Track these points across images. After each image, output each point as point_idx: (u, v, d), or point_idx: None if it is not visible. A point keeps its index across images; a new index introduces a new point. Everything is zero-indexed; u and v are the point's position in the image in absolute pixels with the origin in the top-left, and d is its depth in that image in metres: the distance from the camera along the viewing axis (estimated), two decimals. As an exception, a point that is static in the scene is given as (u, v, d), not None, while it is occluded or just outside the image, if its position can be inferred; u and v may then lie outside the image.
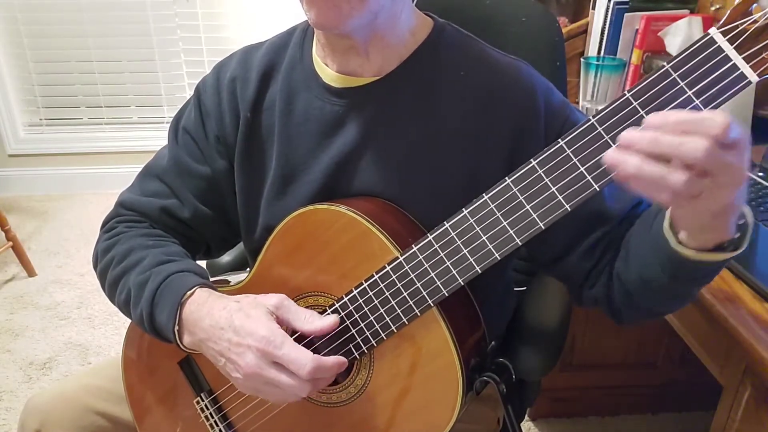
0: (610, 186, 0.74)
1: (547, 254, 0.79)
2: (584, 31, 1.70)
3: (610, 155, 0.53)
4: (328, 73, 0.79)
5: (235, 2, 2.82)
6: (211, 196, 0.88)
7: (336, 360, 0.70)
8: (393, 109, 0.77)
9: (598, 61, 1.52)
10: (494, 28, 0.99)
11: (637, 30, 1.54)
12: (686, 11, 1.52)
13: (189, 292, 0.77)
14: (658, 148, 0.50)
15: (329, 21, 0.68)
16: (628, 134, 0.51)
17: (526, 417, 1.71)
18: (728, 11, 0.51)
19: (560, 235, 0.65)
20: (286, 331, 0.70)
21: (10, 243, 2.29)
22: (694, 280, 0.67)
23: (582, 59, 1.53)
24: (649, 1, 1.55)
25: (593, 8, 1.65)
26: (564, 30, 1.63)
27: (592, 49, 1.66)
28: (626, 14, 1.56)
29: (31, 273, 2.38)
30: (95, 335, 2.07)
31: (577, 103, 1.59)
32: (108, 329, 2.09)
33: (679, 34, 1.44)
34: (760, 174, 1.19)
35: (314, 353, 0.69)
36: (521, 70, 0.78)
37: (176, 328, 0.77)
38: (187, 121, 0.88)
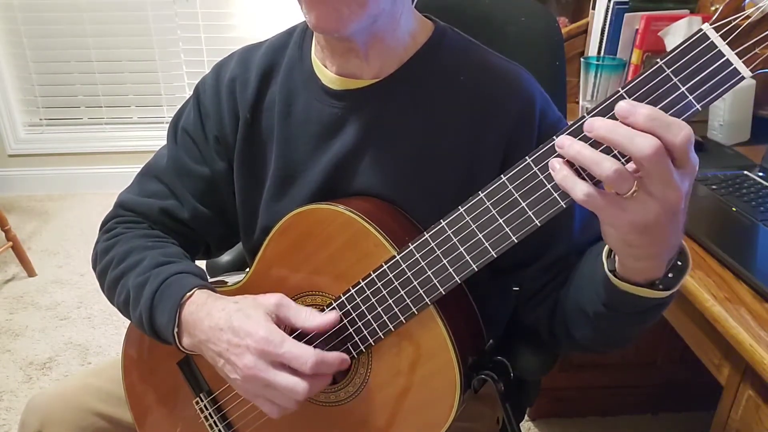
0: (582, 214, 0.77)
1: (511, 259, 0.80)
2: (584, 31, 1.70)
3: (561, 140, 0.55)
4: (327, 74, 0.79)
5: (235, 2, 2.82)
6: (210, 197, 0.88)
7: (338, 355, 0.70)
8: (392, 111, 0.77)
9: (598, 61, 1.52)
10: (494, 28, 0.99)
11: (637, 30, 1.55)
12: (686, 11, 1.53)
13: (188, 294, 0.77)
14: (612, 135, 0.51)
15: (329, 25, 0.68)
16: (590, 120, 0.53)
17: (526, 417, 1.71)
18: (721, 7, 0.51)
19: (523, 245, 0.66)
20: (285, 331, 0.70)
21: (10, 243, 2.29)
22: (626, 316, 0.67)
23: (582, 59, 1.53)
24: (649, 1, 1.56)
25: (593, 8, 1.65)
26: (564, 30, 1.63)
27: (592, 49, 1.66)
28: (626, 14, 1.56)
29: (31, 273, 2.38)
30: (95, 335, 2.07)
31: (577, 102, 1.59)
32: (108, 329, 2.09)
33: (679, 34, 1.44)
34: (760, 174, 1.18)
35: None
36: (522, 77, 0.78)
37: (176, 329, 0.76)
38: (186, 122, 0.88)
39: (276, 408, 0.72)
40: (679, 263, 0.62)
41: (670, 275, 0.61)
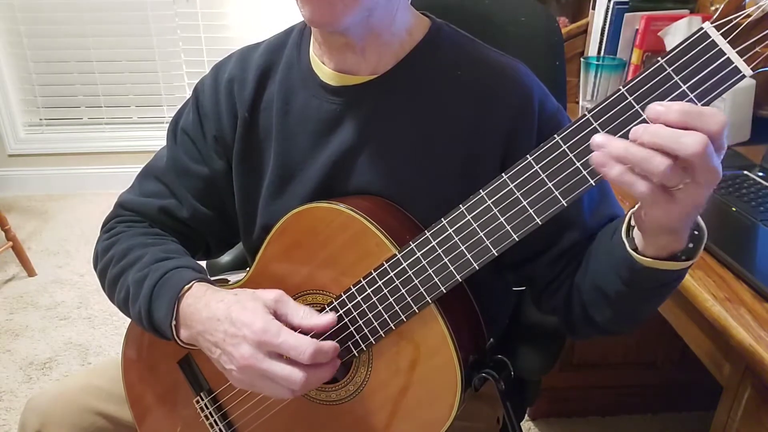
0: (590, 200, 0.76)
1: (517, 255, 0.79)
2: (584, 31, 1.70)
3: (599, 138, 0.54)
4: (325, 71, 0.79)
5: (235, 2, 2.82)
6: (209, 196, 0.88)
7: (333, 345, 0.70)
8: (390, 107, 0.77)
9: (598, 61, 1.52)
10: (494, 28, 0.99)
11: (637, 30, 1.55)
12: (686, 11, 1.53)
13: (187, 286, 0.77)
14: (659, 138, 0.50)
15: (323, 18, 0.68)
16: (633, 129, 0.53)
17: (526, 417, 1.71)
18: (722, 5, 0.51)
19: (534, 238, 0.66)
20: None
21: (10, 243, 2.29)
22: (647, 291, 0.68)
23: (582, 59, 1.53)
24: (649, 1, 1.56)
25: (593, 8, 1.65)
26: (564, 30, 1.63)
27: (592, 49, 1.66)
28: (626, 14, 1.56)
29: (31, 273, 2.38)
30: (95, 335, 2.07)
31: (577, 102, 1.59)
32: (108, 329, 2.09)
33: (679, 34, 1.44)
34: (760, 174, 1.19)
35: None
36: (519, 71, 0.78)
37: (173, 322, 0.77)
38: (186, 122, 0.88)
39: (273, 394, 0.72)
40: (696, 232, 0.62)
41: (690, 245, 0.62)
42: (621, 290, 0.68)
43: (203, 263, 1.12)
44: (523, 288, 1.01)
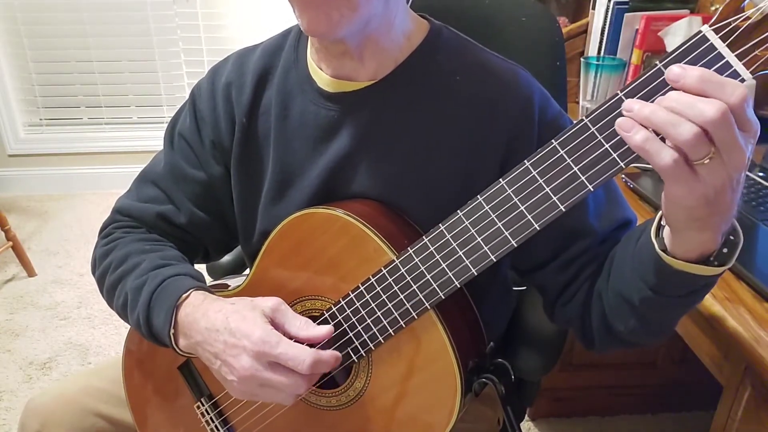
0: (596, 203, 0.75)
1: (525, 262, 0.79)
2: (584, 31, 1.70)
3: (629, 103, 0.52)
4: (322, 77, 0.79)
5: (235, 2, 2.81)
6: (207, 202, 0.88)
7: (332, 354, 0.70)
8: (388, 113, 0.77)
9: (598, 61, 1.52)
10: (494, 28, 0.99)
11: (637, 30, 1.54)
12: (686, 11, 1.52)
13: (184, 295, 0.77)
14: (676, 103, 0.49)
15: (320, 28, 0.68)
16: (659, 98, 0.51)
17: (526, 417, 1.71)
18: (720, 8, 0.51)
19: (541, 245, 0.65)
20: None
21: (10, 243, 2.29)
22: (674, 299, 0.64)
23: (582, 59, 1.53)
24: (649, 1, 1.55)
25: (593, 8, 1.65)
26: (564, 30, 1.63)
27: (592, 49, 1.66)
28: (626, 14, 1.56)
29: (31, 273, 2.38)
30: (95, 335, 2.07)
31: (577, 102, 1.59)
32: (108, 329, 2.10)
33: (679, 34, 1.44)
34: (761, 174, 1.18)
35: None
36: (519, 76, 0.77)
37: (172, 331, 0.76)
38: (183, 126, 0.88)
39: (275, 400, 0.72)
40: (731, 237, 0.59)
41: (724, 250, 0.59)
42: (647, 297, 0.65)
43: (202, 267, 1.12)
44: (524, 288, 1.01)
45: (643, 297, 0.65)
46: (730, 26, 0.50)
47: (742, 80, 0.51)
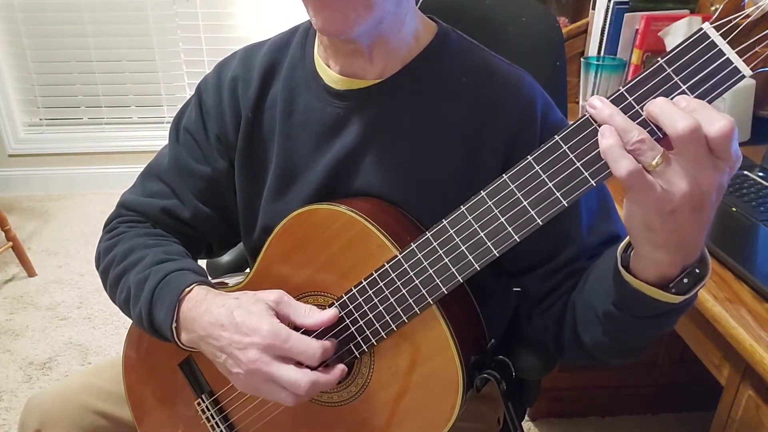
0: (589, 215, 0.76)
1: (516, 264, 0.80)
2: (584, 31, 1.70)
3: (592, 99, 0.54)
4: (329, 74, 0.79)
5: (235, 2, 2.82)
6: (211, 196, 0.88)
7: (332, 341, 0.71)
8: (394, 111, 0.77)
9: (598, 61, 1.52)
10: (494, 28, 0.99)
11: (637, 30, 1.55)
12: (686, 11, 1.53)
13: (187, 289, 0.77)
14: (655, 108, 0.51)
15: (336, 28, 0.68)
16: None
17: (526, 417, 1.71)
18: (721, 6, 0.51)
19: (532, 248, 0.65)
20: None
21: (10, 243, 2.29)
22: (636, 319, 0.64)
23: (582, 59, 1.53)
24: (649, 1, 1.56)
25: (593, 8, 1.65)
26: (564, 30, 1.63)
27: (592, 49, 1.66)
28: (626, 14, 1.56)
29: (31, 273, 2.38)
30: (95, 335, 2.07)
31: (577, 103, 1.60)
32: (108, 329, 2.09)
33: (679, 34, 1.44)
34: (760, 174, 1.19)
35: None
36: (523, 81, 0.77)
37: (174, 325, 0.77)
38: (188, 121, 0.88)
39: (277, 398, 0.72)
40: (697, 271, 0.59)
41: (685, 280, 0.59)
42: (610, 311, 0.65)
43: (204, 264, 1.12)
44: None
45: (606, 310, 0.66)
46: (731, 24, 0.51)
47: (743, 77, 0.51)
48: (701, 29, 0.52)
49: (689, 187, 0.51)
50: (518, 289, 0.99)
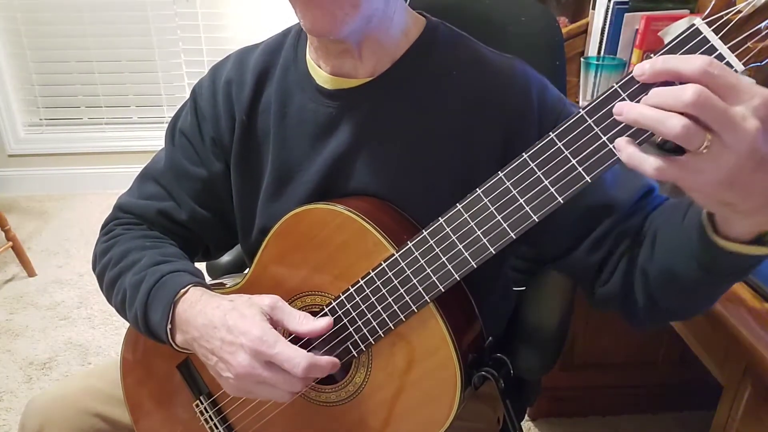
0: (613, 174, 0.73)
1: (553, 249, 0.78)
2: (584, 31, 1.70)
3: (619, 107, 0.52)
4: (321, 75, 0.79)
5: (235, 2, 2.82)
6: (207, 199, 0.88)
7: (330, 360, 0.70)
8: (386, 109, 0.77)
9: (598, 61, 1.52)
10: (494, 28, 0.99)
11: (637, 30, 1.54)
12: (686, 11, 1.52)
13: (182, 291, 0.77)
14: (658, 97, 0.49)
15: (324, 28, 0.68)
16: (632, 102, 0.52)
17: (526, 417, 1.70)
18: (713, 2, 0.51)
19: (565, 229, 0.63)
20: (282, 333, 0.70)
21: (10, 243, 2.29)
22: (725, 276, 0.63)
23: (582, 59, 1.53)
24: (649, 1, 1.55)
25: (593, 8, 1.65)
26: (564, 30, 1.63)
27: (592, 49, 1.66)
28: (626, 14, 1.56)
29: (31, 273, 2.38)
30: (95, 335, 2.07)
31: (577, 102, 1.59)
32: (108, 329, 2.10)
33: (679, 33, 1.44)
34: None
35: (312, 352, 0.69)
36: (515, 68, 0.77)
37: (169, 326, 0.76)
38: (184, 124, 0.88)
39: (272, 397, 0.72)
40: None
41: None
42: (698, 276, 0.62)
43: (202, 265, 1.12)
44: (523, 288, 1.01)
45: (693, 277, 0.63)
46: (723, 19, 0.51)
47: (735, 72, 0.51)
48: (693, 25, 0.52)
49: (736, 152, 0.47)
50: (521, 289, 0.99)
